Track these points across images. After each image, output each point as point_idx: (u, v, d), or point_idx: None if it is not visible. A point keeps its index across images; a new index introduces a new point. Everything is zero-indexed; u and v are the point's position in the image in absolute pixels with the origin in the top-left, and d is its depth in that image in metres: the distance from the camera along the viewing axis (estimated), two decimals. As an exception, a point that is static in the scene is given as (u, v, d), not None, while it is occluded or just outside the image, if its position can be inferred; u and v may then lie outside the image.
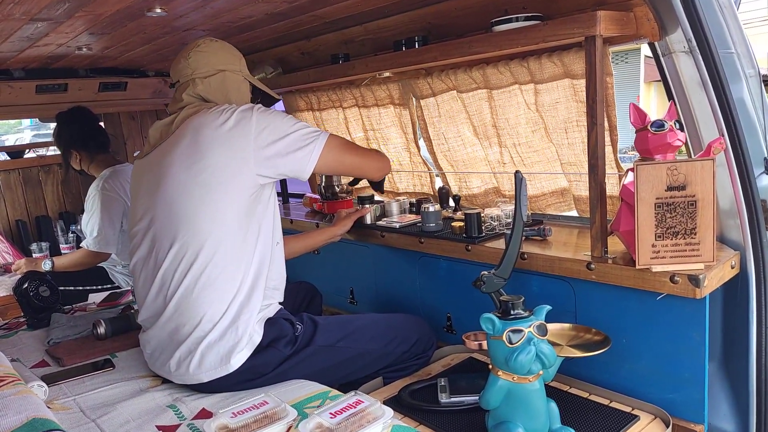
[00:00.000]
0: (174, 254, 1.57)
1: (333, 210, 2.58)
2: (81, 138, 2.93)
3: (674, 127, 1.49)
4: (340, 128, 2.89)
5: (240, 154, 1.57)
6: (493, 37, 1.73)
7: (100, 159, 2.98)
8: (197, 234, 1.56)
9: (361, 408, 1.29)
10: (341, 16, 2.22)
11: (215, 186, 1.56)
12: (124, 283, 3.04)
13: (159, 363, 1.67)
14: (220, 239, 1.57)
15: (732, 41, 1.64)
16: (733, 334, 1.63)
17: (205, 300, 1.56)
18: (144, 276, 1.67)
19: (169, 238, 1.58)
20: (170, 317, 1.60)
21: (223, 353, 1.57)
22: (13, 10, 1.83)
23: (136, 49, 2.71)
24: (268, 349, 1.61)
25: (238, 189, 1.59)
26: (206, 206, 1.56)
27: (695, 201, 1.45)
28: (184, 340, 1.58)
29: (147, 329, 1.70)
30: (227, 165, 1.57)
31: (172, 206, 1.58)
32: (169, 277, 1.59)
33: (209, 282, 1.56)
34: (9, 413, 0.99)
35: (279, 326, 1.65)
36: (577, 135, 1.95)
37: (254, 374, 1.60)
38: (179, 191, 1.58)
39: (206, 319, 1.56)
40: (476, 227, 1.98)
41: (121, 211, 2.88)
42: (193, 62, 1.75)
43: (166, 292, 1.60)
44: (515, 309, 1.38)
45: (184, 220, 1.57)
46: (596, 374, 1.71)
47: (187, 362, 1.58)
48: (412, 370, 1.90)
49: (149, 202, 1.65)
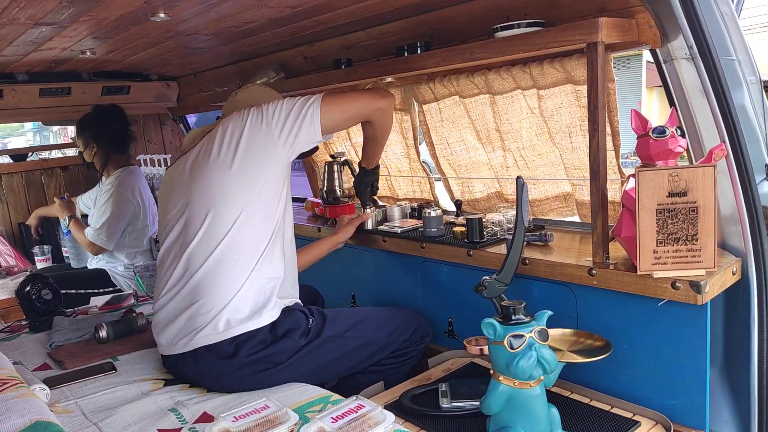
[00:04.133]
0: (204, 231, 1.66)
1: (335, 214, 2.58)
2: (114, 136, 3.03)
3: (675, 134, 1.50)
4: (340, 133, 2.90)
5: (266, 136, 1.69)
6: (495, 43, 1.73)
7: (117, 158, 3.07)
8: (228, 211, 1.66)
9: (363, 413, 1.29)
10: (344, 21, 2.23)
11: (248, 169, 1.67)
12: (126, 286, 3.05)
13: (177, 336, 1.68)
14: (249, 219, 1.66)
15: (733, 48, 1.64)
16: (735, 341, 1.63)
17: (230, 273, 1.64)
18: (172, 257, 1.73)
19: (201, 215, 1.67)
20: (194, 290, 1.65)
21: (253, 310, 1.64)
22: (18, 15, 1.84)
23: (140, 53, 2.73)
24: (284, 339, 1.67)
25: (268, 166, 1.70)
26: (239, 187, 1.67)
27: (696, 207, 1.45)
28: (209, 310, 1.63)
29: (164, 308, 1.72)
30: (257, 146, 1.69)
31: (208, 186, 1.68)
32: (197, 252, 1.66)
33: (236, 257, 1.65)
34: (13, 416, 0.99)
35: (294, 317, 1.72)
36: (581, 139, 1.95)
37: (270, 363, 1.65)
38: (213, 173, 1.68)
39: (231, 291, 1.63)
40: (478, 232, 1.98)
41: (130, 212, 2.93)
42: (240, 98, 1.95)
43: (193, 267, 1.66)
44: (516, 314, 1.39)
45: (218, 198, 1.66)
46: (597, 380, 1.71)
47: (214, 323, 1.62)
48: (410, 356, 1.96)
49: (184, 194, 1.73)
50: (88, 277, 3.06)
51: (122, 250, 3.05)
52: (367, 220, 2.33)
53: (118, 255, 3.06)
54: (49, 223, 3.79)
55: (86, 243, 2.99)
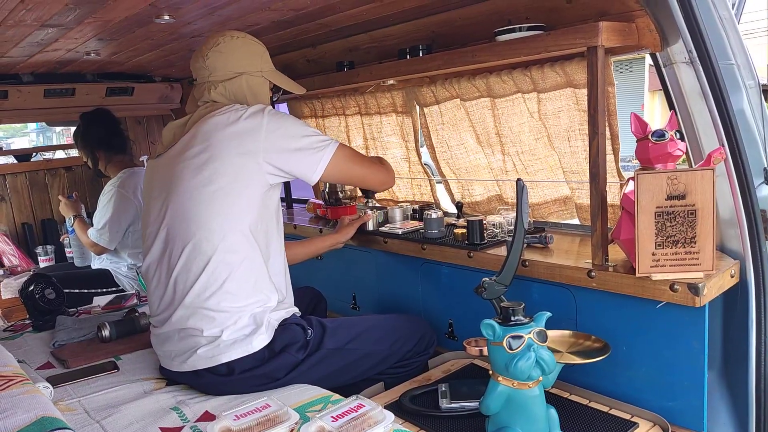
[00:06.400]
0: (187, 256, 1.60)
1: (336, 216, 2.59)
2: (102, 139, 3.04)
3: (675, 137, 1.51)
4: (341, 136, 2.92)
5: (250, 157, 1.60)
6: (496, 46, 1.75)
7: (118, 160, 3.08)
8: (210, 237, 1.59)
9: (363, 412, 1.31)
10: (347, 24, 2.25)
11: (227, 189, 1.59)
12: (129, 286, 3.06)
13: (174, 355, 1.67)
14: (233, 241, 1.60)
15: (732, 52, 1.65)
16: (733, 343, 1.64)
17: (218, 299, 1.59)
18: (157, 277, 1.69)
19: (183, 241, 1.61)
20: (185, 316, 1.62)
21: (245, 334, 1.60)
22: (25, 17, 1.86)
23: (144, 54, 2.75)
24: (281, 355, 1.63)
25: (249, 191, 1.62)
26: (219, 209, 1.59)
27: (695, 210, 1.46)
28: (202, 334, 1.60)
29: (159, 327, 1.71)
30: (238, 169, 1.60)
31: (185, 210, 1.61)
32: (183, 278, 1.61)
33: (222, 282, 1.59)
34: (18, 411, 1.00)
35: (291, 332, 1.67)
36: (580, 143, 1.97)
37: (268, 379, 1.62)
38: (191, 196, 1.60)
39: (221, 317, 1.59)
40: (478, 234, 1.99)
41: (133, 213, 2.95)
42: (211, 63, 1.73)
43: (180, 293, 1.62)
44: (516, 315, 1.40)
45: (196, 224, 1.59)
46: (596, 381, 1.72)
47: (206, 348, 1.59)
48: (414, 366, 1.93)
49: (161, 206, 1.67)
50: (92, 276, 3.08)
51: (125, 250, 3.07)
52: (368, 221, 2.35)
53: (121, 255, 3.08)
54: (51, 223, 3.81)
55: (89, 243, 3.01)
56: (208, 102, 1.75)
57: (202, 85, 1.77)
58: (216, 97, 1.74)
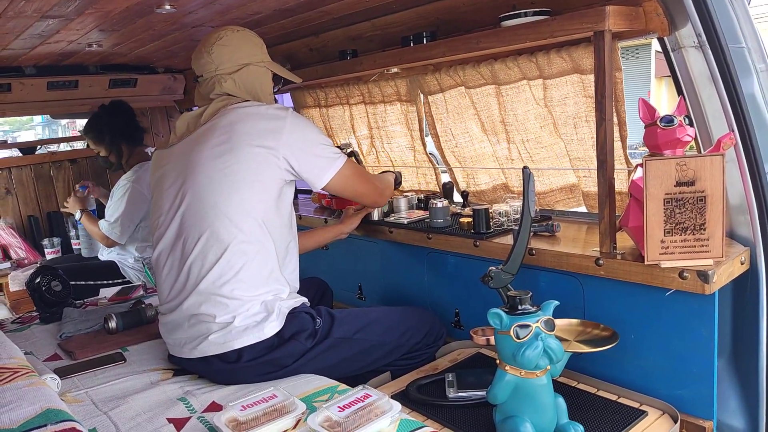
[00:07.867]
0: (204, 244, 1.62)
1: (341, 206, 2.58)
2: (126, 131, 3.04)
3: (684, 123, 1.49)
4: (345, 126, 2.90)
5: (270, 152, 1.64)
6: (501, 32, 1.72)
7: (138, 151, 3.09)
8: (229, 226, 1.61)
9: (369, 402, 1.30)
10: (349, 12, 2.22)
11: (248, 180, 1.62)
12: (135, 278, 3.07)
13: (184, 342, 1.67)
14: (250, 232, 1.62)
15: (743, 35, 1.62)
16: (743, 330, 1.63)
17: (232, 286, 1.60)
18: (170, 264, 1.70)
19: (199, 229, 1.63)
20: (197, 303, 1.63)
21: (256, 321, 1.61)
22: (24, 8, 1.85)
23: (146, 45, 2.73)
24: (290, 342, 1.64)
25: (268, 185, 1.66)
26: (239, 200, 1.62)
27: (704, 196, 1.44)
28: (214, 320, 1.61)
29: (168, 315, 1.71)
30: (259, 161, 1.63)
31: (204, 199, 1.63)
32: (198, 265, 1.63)
33: (237, 271, 1.61)
34: (24, 404, 1.00)
35: (300, 320, 1.68)
36: (586, 130, 1.94)
37: (276, 366, 1.64)
38: (210, 184, 1.63)
39: (234, 304, 1.60)
40: (484, 223, 1.98)
41: (146, 209, 2.95)
42: (217, 57, 1.75)
43: (194, 279, 1.63)
44: (523, 304, 1.39)
45: (215, 212, 1.62)
46: (604, 370, 1.71)
47: (217, 334, 1.60)
48: (422, 359, 1.93)
49: (176, 194, 1.69)
50: (98, 268, 3.09)
51: (134, 243, 3.07)
52: (373, 211, 2.34)
53: (129, 248, 3.09)
54: (57, 215, 3.82)
55: (100, 236, 3.02)
56: (221, 95, 1.77)
57: (210, 79, 1.78)
58: (228, 88, 1.76)
